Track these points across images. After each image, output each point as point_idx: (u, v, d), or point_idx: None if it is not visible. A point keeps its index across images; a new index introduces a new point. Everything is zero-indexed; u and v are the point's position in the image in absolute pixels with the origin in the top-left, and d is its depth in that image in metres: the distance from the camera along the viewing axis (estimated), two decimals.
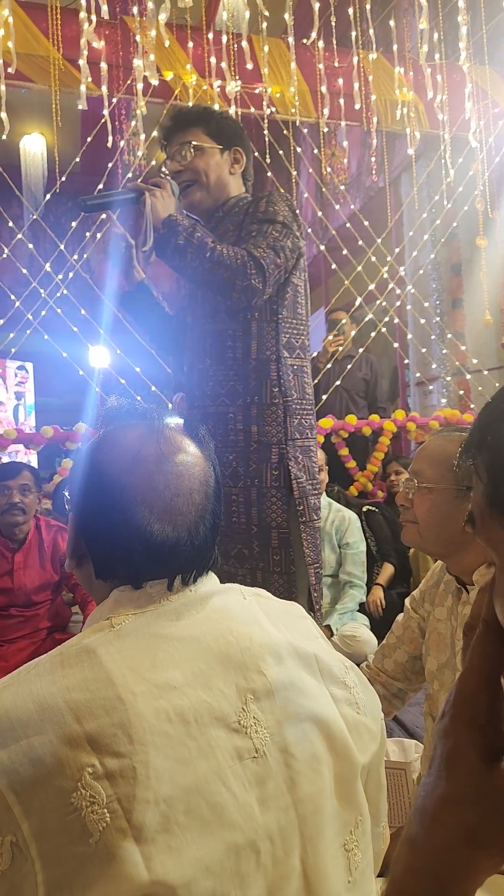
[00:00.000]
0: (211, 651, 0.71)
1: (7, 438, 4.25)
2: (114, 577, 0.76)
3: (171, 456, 0.77)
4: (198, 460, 0.80)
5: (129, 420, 0.82)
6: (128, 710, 0.62)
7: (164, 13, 3.95)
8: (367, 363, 5.10)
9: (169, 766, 0.62)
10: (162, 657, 0.68)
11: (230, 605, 0.79)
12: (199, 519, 0.77)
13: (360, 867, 0.74)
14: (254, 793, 0.66)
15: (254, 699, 0.70)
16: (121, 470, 0.75)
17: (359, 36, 4.56)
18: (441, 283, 5.73)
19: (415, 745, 1.67)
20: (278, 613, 0.82)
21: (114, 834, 0.58)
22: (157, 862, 0.58)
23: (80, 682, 0.63)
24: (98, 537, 0.77)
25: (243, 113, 4.51)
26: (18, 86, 4.10)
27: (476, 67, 4.94)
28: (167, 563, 0.75)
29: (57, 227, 6.59)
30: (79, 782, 0.58)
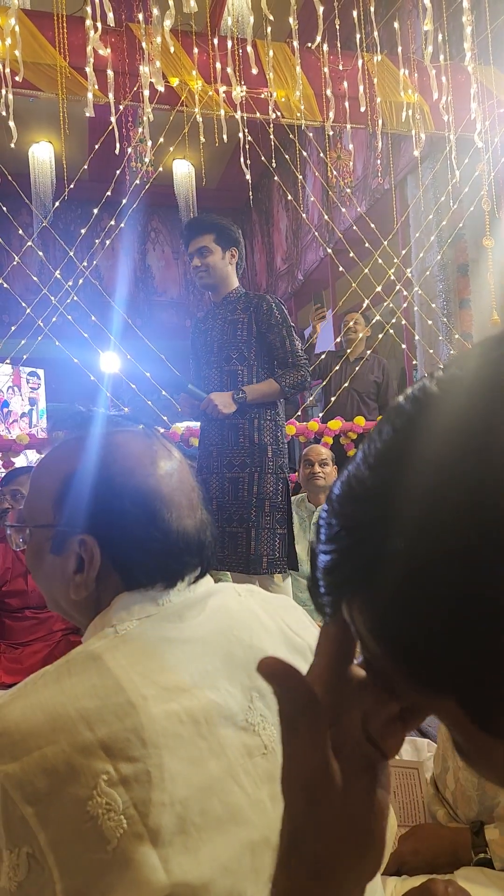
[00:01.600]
0: (215, 651, 0.72)
1: (20, 443, 4.28)
2: (128, 579, 0.74)
3: (173, 451, 0.80)
4: (182, 464, 0.81)
5: (114, 428, 0.80)
6: (139, 715, 0.62)
7: (169, 20, 3.97)
8: (379, 366, 5.10)
9: (183, 768, 0.62)
10: (169, 660, 0.68)
11: (228, 603, 0.79)
12: (204, 512, 0.79)
13: None
14: (265, 789, 0.67)
15: (259, 696, 0.71)
16: (143, 475, 0.75)
17: (363, 38, 4.56)
18: (448, 284, 5.72)
19: (427, 744, 1.67)
20: (273, 607, 0.83)
21: (131, 839, 0.57)
22: (174, 864, 0.58)
23: (89, 690, 0.63)
24: (138, 548, 0.73)
25: (249, 118, 4.52)
26: (26, 94, 4.13)
27: (481, 68, 4.94)
28: (181, 560, 0.75)
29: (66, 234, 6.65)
30: (94, 790, 0.58)
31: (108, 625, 0.72)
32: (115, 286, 9.42)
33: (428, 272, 5.68)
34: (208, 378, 2.65)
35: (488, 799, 1.20)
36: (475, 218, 5.34)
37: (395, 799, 1.45)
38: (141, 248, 10.35)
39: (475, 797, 1.21)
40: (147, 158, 4.39)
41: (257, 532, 2.48)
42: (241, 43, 4.36)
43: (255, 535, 2.47)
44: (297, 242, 9.02)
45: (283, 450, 2.59)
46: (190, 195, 6.46)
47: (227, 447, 2.57)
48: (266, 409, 2.57)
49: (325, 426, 4.57)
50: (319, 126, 4.83)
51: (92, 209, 4.75)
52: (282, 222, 9.54)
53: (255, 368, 2.58)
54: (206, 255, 2.65)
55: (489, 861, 1.11)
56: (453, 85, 4.94)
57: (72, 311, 4.85)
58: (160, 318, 9.80)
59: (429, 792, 1.38)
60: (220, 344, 2.63)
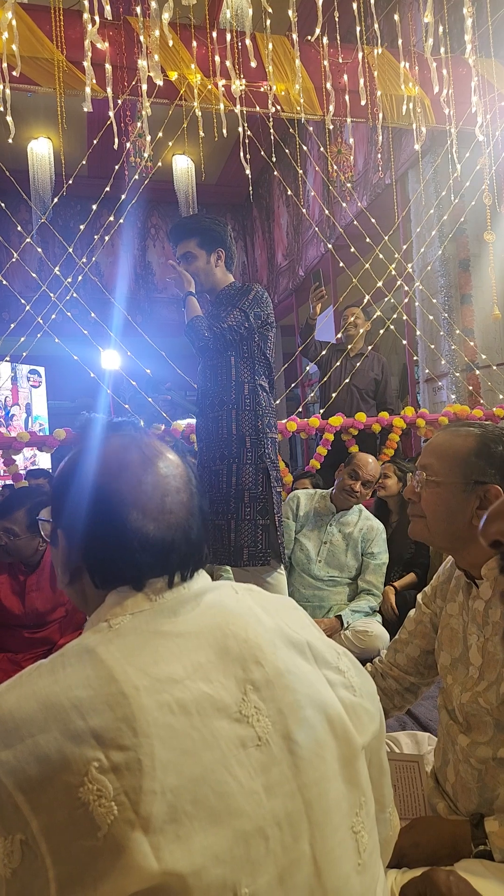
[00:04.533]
0: (209, 645, 0.73)
1: (21, 441, 4.27)
2: (115, 583, 0.78)
3: (155, 459, 0.82)
4: (178, 462, 0.85)
5: (105, 433, 0.86)
6: (131, 705, 0.63)
7: (167, 13, 3.95)
8: (378, 363, 5.08)
9: (174, 757, 0.63)
10: (162, 652, 0.70)
11: (224, 599, 0.80)
12: (190, 515, 0.81)
13: (367, 849, 0.76)
14: (259, 780, 0.68)
15: (253, 689, 0.72)
16: (110, 477, 0.79)
17: (363, 31, 4.54)
18: (449, 279, 5.70)
19: (428, 738, 1.65)
20: (272, 605, 0.85)
21: (122, 826, 0.59)
22: (166, 851, 0.59)
23: (82, 680, 0.65)
24: (95, 547, 0.79)
25: (248, 112, 4.50)
26: (23, 89, 4.11)
27: (482, 60, 4.91)
28: (166, 561, 0.78)
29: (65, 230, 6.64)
30: (85, 776, 0.59)
31: (102, 619, 0.74)
32: (116, 283, 9.43)
33: (429, 267, 5.66)
34: (203, 372, 2.64)
35: (488, 791, 1.19)
36: (477, 212, 5.32)
37: (396, 792, 1.44)
38: (141, 245, 10.35)
39: (475, 789, 1.20)
40: (146, 153, 4.37)
41: (237, 524, 2.46)
42: (240, 36, 4.34)
43: (234, 527, 2.46)
44: (297, 238, 9.01)
45: (263, 440, 2.53)
46: (190, 191, 6.45)
47: (213, 440, 2.56)
48: (245, 400, 2.54)
49: (327, 422, 4.55)
50: (319, 120, 4.81)
51: (91, 205, 4.73)
52: (282, 218, 9.53)
53: (232, 360, 2.56)
54: (192, 262, 2.63)
55: (489, 853, 1.10)
56: (454, 78, 4.92)
57: (72, 308, 4.84)
58: (161, 314, 9.79)
59: (429, 785, 1.37)
60: None
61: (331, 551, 3.30)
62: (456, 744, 1.26)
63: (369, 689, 0.84)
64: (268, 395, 2.63)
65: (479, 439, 1.22)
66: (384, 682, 1.54)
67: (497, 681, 1.18)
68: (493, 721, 1.19)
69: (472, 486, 1.20)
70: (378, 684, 1.53)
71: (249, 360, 2.58)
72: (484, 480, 1.20)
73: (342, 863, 0.72)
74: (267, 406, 2.60)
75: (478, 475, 1.20)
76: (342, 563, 3.29)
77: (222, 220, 2.72)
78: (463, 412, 4.79)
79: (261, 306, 2.59)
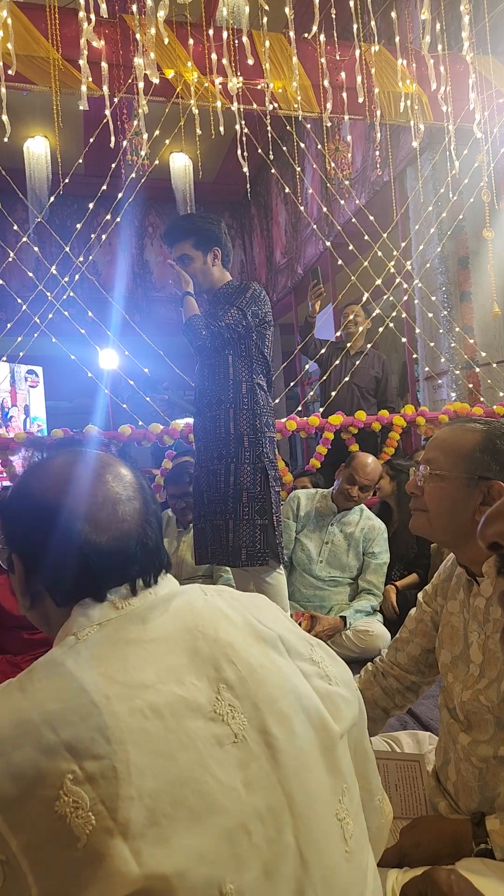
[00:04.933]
0: (179, 648, 0.74)
1: (18, 441, 4.26)
2: (76, 598, 0.78)
3: (102, 470, 0.82)
4: (127, 471, 0.84)
5: (49, 453, 0.86)
6: (103, 714, 0.64)
7: (163, 10, 3.93)
8: (379, 361, 5.07)
9: (150, 761, 0.63)
10: (132, 659, 0.70)
11: (193, 602, 0.81)
12: (145, 521, 0.81)
13: (354, 836, 0.76)
14: (238, 776, 0.68)
15: (227, 687, 0.73)
16: (55, 494, 0.79)
17: (360, 28, 4.53)
18: (448, 277, 5.69)
19: (429, 737, 1.65)
20: (242, 604, 0.85)
21: (101, 834, 0.59)
22: (147, 855, 0.60)
23: (52, 694, 0.65)
24: (52, 566, 0.78)
25: (246, 109, 4.49)
26: (19, 88, 4.10)
27: (479, 57, 4.90)
28: (124, 569, 0.78)
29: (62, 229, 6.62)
30: (60, 789, 0.60)
31: (70, 633, 0.75)
32: (114, 282, 9.41)
33: (428, 265, 5.65)
34: (200, 371, 2.63)
35: (489, 789, 1.19)
36: (475, 209, 5.31)
37: (397, 792, 1.44)
38: (139, 244, 10.34)
39: (476, 788, 1.20)
40: (143, 151, 4.36)
41: (235, 524, 2.45)
42: (237, 33, 4.32)
43: (233, 527, 2.45)
44: (296, 236, 9.00)
45: (262, 439, 2.52)
46: (187, 189, 6.43)
47: (211, 440, 2.55)
48: (243, 399, 2.53)
49: (326, 421, 4.54)
50: (317, 117, 4.79)
51: (88, 204, 4.71)
52: (281, 216, 9.52)
53: (230, 359, 2.55)
54: (188, 264, 2.62)
55: (490, 851, 1.10)
56: (452, 75, 4.90)
57: (69, 308, 4.83)
58: (159, 313, 9.77)
59: (430, 784, 1.37)
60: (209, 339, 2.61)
61: (332, 551, 3.29)
62: (457, 742, 1.25)
63: (345, 676, 0.85)
64: (266, 394, 2.62)
65: (484, 435, 1.22)
66: (385, 681, 1.53)
67: (498, 678, 1.18)
68: (494, 719, 1.18)
69: (475, 481, 1.20)
70: (379, 683, 1.53)
71: (247, 358, 2.57)
72: (488, 476, 1.19)
73: (328, 851, 0.72)
74: (265, 405, 2.59)
75: (482, 471, 1.19)
76: (344, 563, 3.28)
77: (216, 217, 2.71)
78: (463, 410, 4.78)
79: (258, 304, 2.58)
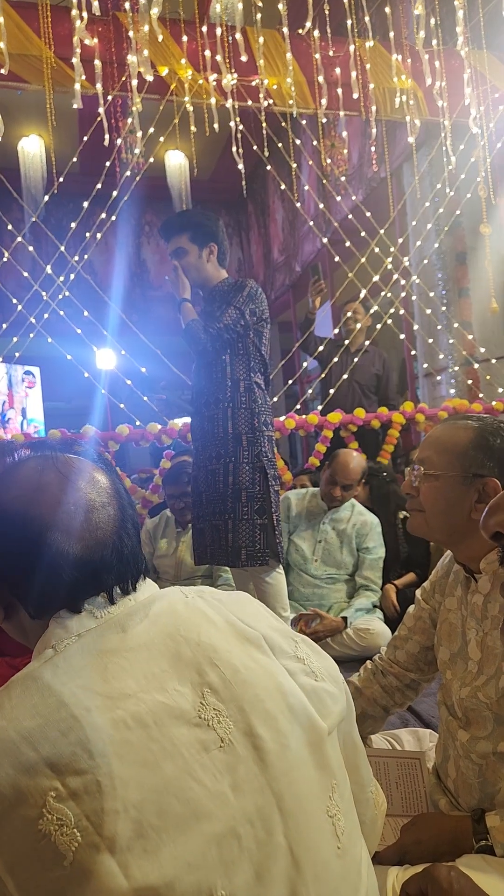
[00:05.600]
0: (161, 654, 0.72)
1: (16, 443, 4.25)
2: (50, 610, 0.75)
3: (73, 477, 0.78)
4: (100, 476, 0.81)
5: (20, 457, 0.82)
6: (84, 727, 0.63)
7: (156, 7, 3.92)
8: (379, 359, 5.07)
9: (134, 772, 0.62)
10: (112, 669, 0.69)
11: (174, 605, 0.79)
12: (120, 528, 0.78)
13: (345, 832, 0.75)
14: (226, 781, 0.67)
15: (211, 692, 0.72)
16: (25, 504, 0.75)
17: (354, 24, 4.51)
18: (446, 273, 5.68)
19: (429, 735, 1.64)
20: (224, 603, 0.83)
21: (87, 851, 0.58)
22: (134, 868, 0.59)
23: (29, 710, 0.64)
24: (23, 579, 0.75)
25: (240, 106, 4.47)
26: (12, 87, 4.08)
27: (474, 52, 4.89)
28: (99, 579, 0.76)
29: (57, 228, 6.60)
30: (43, 808, 0.59)
31: (48, 646, 0.73)
32: (110, 281, 9.39)
33: (426, 261, 5.64)
34: (198, 370, 2.62)
35: (489, 786, 1.18)
36: (472, 205, 5.30)
37: (398, 789, 1.43)
38: (135, 242, 10.33)
39: (476, 785, 1.19)
40: (138, 150, 4.35)
41: (235, 523, 2.44)
42: (231, 30, 4.31)
43: (232, 527, 2.44)
44: (293, 233, 8.99)
45: (260, 439, 2.51)
46: (183, 187, 6.42)
47: (209, 439, 2.54)
48: (241, 398, 2.52)
49: (325, 419, 4.53)
50: (312, 114, 4.78)
51: (83, 203, 4.70)
52: (278, 213, 9.50)
53: (227, 357, 2.54)
54: (183, 257, 2.61)
55: (490, 848, 1.10)
56: (447, 70, 4.89)
57: (65, 308, 4.81)
58: (157, 312, 9.74)
59: (430, 781, 1.36)
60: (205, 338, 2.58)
61: (326, 549, 3.27)
62: (456, 739, 1.24)
63: (331, 670, 0.84)
64: (264, 393, 2.61)
65: (477, 432, 1.21)
66: (384, 679, 1.52)
67: (496, 675, 1.17)
68: (493, 715, 1.17)
69: (470, 479, 1.19)
70: (378, 681, 1.53)
71: (244, 357, 2.56)
72: (482, 473, 1.19)
73: (320, 849, 0.71)
74: (263, 404, 2.58)
75: (476, 468, 1.19)
76: (338, 560, 3.27)
77: (214, 215, 2.70)
78: (462, 406, 4.77)
79: (255, 302, 2.57)
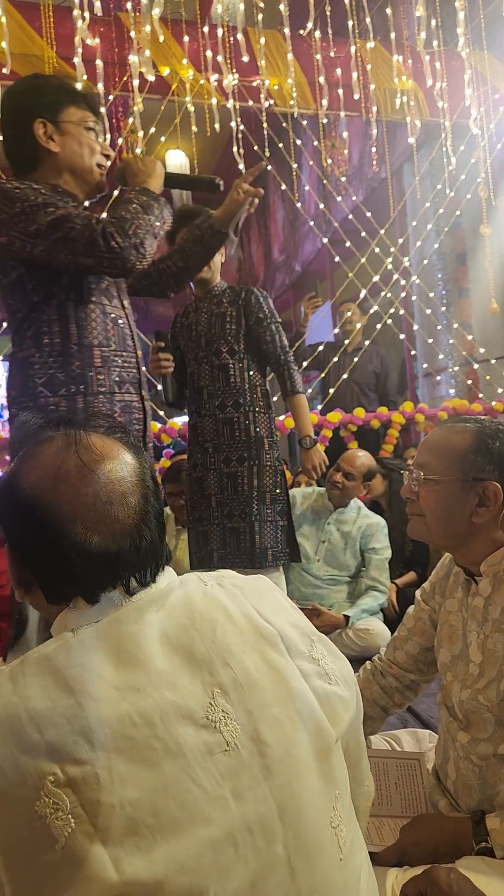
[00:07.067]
0: (175, 649, 0.71)
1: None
2: (66, 597, 0.74)
3: (96, 465, 0.75)
4: (125, 463, 0.77)
5: (44, 434, 0.78)
6: (88, 717, 0.63)
7: (157, 8, 3.93)
8: (377, 356, 5.07)
9: (134, 770, 0.62)
10: (125, 658, 0.68)
11: (191, 596, 0.77)
12: (141, 521, 0.75)
13: (347, 842, 0.75)
14: (227, 786, 0.67)
15: (221, 693, 0.71)
16: (45, 491, 0.73)
17: (355, 25, 4.52)
18: (446, 273, 5.69)
19: (429, 735, 1.64)
20: (244, 592, 0.82)
21: (80, 838, 0.59)
22: (126, 863, 0.59)
23: (40, 691, 0.64)
24: (40, 564, 0.74)
25: (242, 106, 4.48)
26: None
27: (475, 53, 4.89)
28: (115, 573, 0.74)
29: None
30: (41, 791, 0.59)
31: (66, 628, 0.73)
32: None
33: (426, 261, 5.64)
34: (197, 373, 2.57)
35: (489, 788, 1.18)
36: (472, 205, 5.31)
37: (397, 790, 1.43)
38: None
39: (476, 786, 1.20)
40: (139, 150, 4.35)
41: (261, 525, 2.45)
42: (232, 31, 4.32)
43: (258, 529, 2.44)
44: (294, 233, 8.98)
45: (278, 442, 2.56)
46: None
47: (224, 442, 2.52)
48: (259, 402, 2.53)
49: (325, 419, 4.54)
50: (313, 114, 4.78)
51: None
52: (278, 213, 9.50)
53: (245, 362, 2.54)
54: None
55: (490, 850, 1.10)
56: (447, 71, 4.89)
57: None
58: (156, 311, 9.74)
59: (430, 782, 1.36)
60: (208, 339, 2.54)
61: (329, 550, 3.28)
62: (456, 741, 1.25)
63: (345, 672, 0.83)
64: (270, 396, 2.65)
65: (476, 435, 1.21)
66: (384, 679, 1.53)
67: (497, 678, 1.17)
68: (494, 718, 1.17)
69: (470, 482, 1.19)
70: (378, 682, 1.53)
71: (262, 362, 2.59)
72: (482, 477, 1.18)
73: (319, 861, 0.71)
74: (272, 408, 2.61)
75: (476, 472, 1.19)
76: (341, 562, 3.27)
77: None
78: (462, 407, 4.78)
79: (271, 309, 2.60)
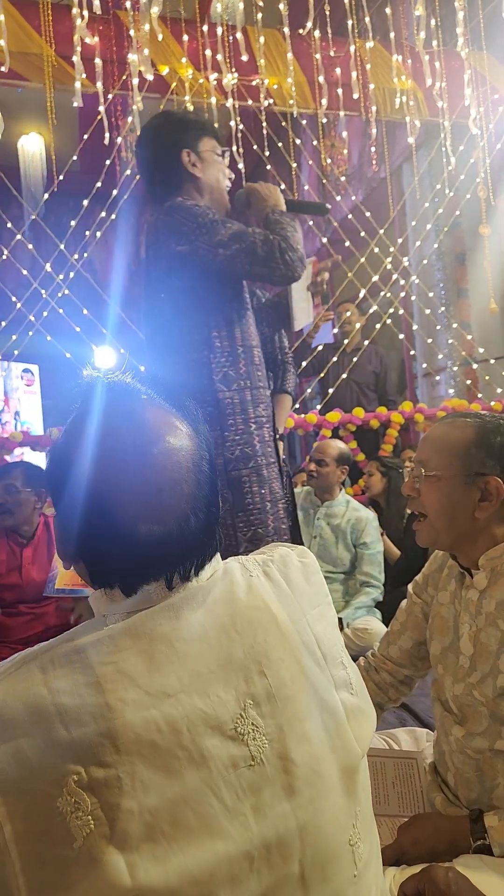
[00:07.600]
0: (211, 652, 0.68)
1: (13, 441, 4.25)
2: (104, 585, 0.70)
3: (150, 447, 0.68)
4: (183, 444, 0.70)
5: (100, 403, 0.71)
6: (115, 720, 0.61)
7: (156, 6, 3.92)
8: (376, 356, 5.07)
9: (156, 778, 0.61)
10: (158, 660, 0.65)
11: (234, 591, 0.73)
12: (190, 511, 0.69)
13: (363, 858, 0.72)
14: (248, 801, 0.65)
15: (253, 704, 0.68)
16: (94, 471, 0.67)
17: (355, 24, 4.52)
18: (446, 273, 5.68)
19: (426, 734, 1.63)
20: (291, 585, 0.77)
21: (97, 840, 0.58)
22: (140, 870, 0.58)
23: (70, 686, 0.62)
24: (83, 542, 0.70)
25: (241, 105, 4.47)
26: (13, 85, 4.09)
27: (474, 53, 4.89)
28: (156, 564, 0.69)
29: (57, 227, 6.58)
30: (64, 788, 0.58)
31: (100, 610, 0.71)
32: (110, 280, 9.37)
33: (425, 261, 5.64)
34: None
35: (488, 780, 1.18)
36: (472, 206, 5.30)
37: (394, 789, 1.43)
38: (135, 241, 10.29)
39: (475, 779, 1.19)
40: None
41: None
42: (232, 30, 4.31)
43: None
44: None
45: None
46: None
47: None
48: (270, 407, 2.53)
49: (324, 418, 4.53)
50: (313, 114, 4.78)
51: (83, 201, 4.70)
52: None
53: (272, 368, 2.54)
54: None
55: (488, 847, 1.09)
56: (447, 71, 4.89)
57: (65, 306, 4.81)
58: None
59: (427, 779, 1.36)
60: None
61: (321, 545, 3.27)
62: (450, 735, 1.24)
63: (362, 686, 0.80)
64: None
65: (477, 430, 1.20)
66: (378, 675, 1.52)
67: (492, 673, 1.16)
68: (488, 713, 1.17)
69: (472, 478, 1.18)
70: (372, 678, 1.52)
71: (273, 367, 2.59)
72: (484, 472, 1.17)
73: (333, 878, 0.68)
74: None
75: (478, 467, 1.17)
76: (334, 556, 3.26)
77: None
78: (461, 406, 4.77)
79: None
